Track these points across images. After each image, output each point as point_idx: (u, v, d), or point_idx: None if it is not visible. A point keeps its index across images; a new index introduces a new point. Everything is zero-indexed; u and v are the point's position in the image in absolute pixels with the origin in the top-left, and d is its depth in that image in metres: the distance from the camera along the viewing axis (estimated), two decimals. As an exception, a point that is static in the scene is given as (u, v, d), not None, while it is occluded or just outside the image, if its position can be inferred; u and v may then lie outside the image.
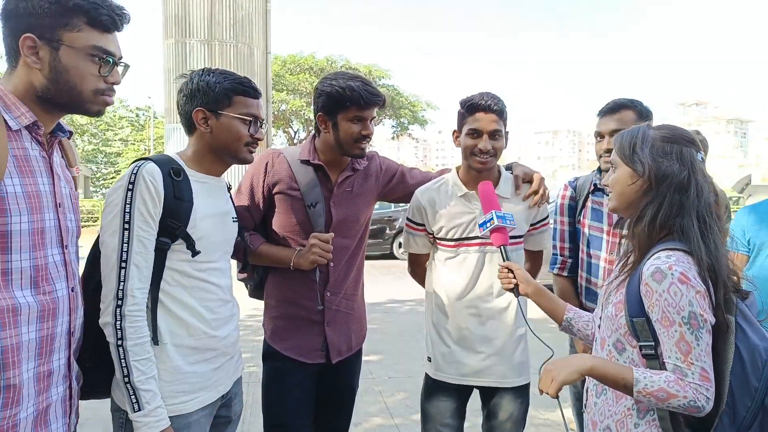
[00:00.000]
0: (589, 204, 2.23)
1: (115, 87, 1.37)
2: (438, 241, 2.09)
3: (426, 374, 2.14)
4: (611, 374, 1.31)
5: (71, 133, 1.42)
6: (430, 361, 2.11)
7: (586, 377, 1.56)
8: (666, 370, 1.29)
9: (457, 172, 2.11)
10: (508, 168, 2.13)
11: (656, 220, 1.35)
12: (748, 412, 1.26)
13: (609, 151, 2.07)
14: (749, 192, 12.45)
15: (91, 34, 1.28)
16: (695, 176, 1.35)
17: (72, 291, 1.34)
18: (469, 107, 1.97)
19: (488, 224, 1.80)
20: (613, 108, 2.11)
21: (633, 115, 2.07)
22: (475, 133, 1.95)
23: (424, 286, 2.24)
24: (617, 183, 1.45)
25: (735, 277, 1.36)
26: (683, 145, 1.38)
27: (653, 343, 1.32)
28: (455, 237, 2.04)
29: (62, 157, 1.43)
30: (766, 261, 2.40)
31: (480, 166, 1.97)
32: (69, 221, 1.35)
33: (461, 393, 2.08)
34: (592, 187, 2.23)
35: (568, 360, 1.39)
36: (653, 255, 1.33)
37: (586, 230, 2.22)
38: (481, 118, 1.94)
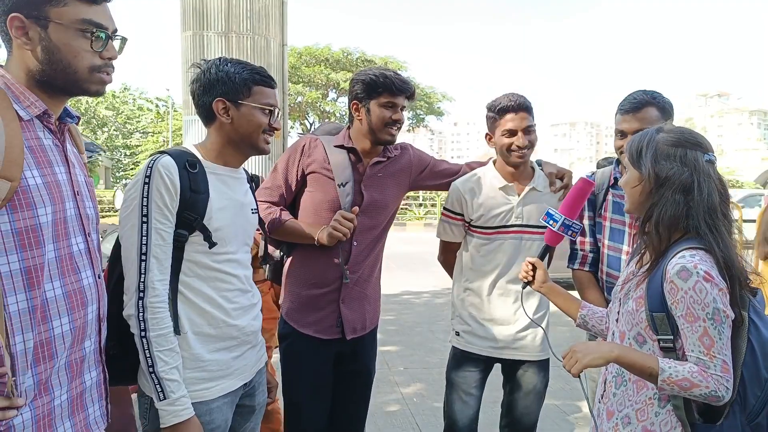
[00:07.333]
0: (609, 197, 2.19)
1: (113, 63, 1.30)
2: (474, 229, 2.26)
3: (453, 347, 2.34)
4: (638, 363, 1.35)
5: (79, 118, 1.40)
6: (458, 335, 2.31)
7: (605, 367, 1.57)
8: (686, 361, 1.33)
9: (494, 164, 2.30)
10: (538, 164, 2.32)
11: (662, 221, 1.40)
12: (758, 401, 1.33)
13: None
14: (773, 185, 12.22)
15: (78, 8, 1.22)
16: (698, 178, 1.38)
17: (99, 278, 1.36)
18: (500, 110, 2.17)
19: (551, 222, 1.77)
20: (636, 107, 2.05)
21: (656, 112, 2.02)
22: (511, 133, 2.16)
23: (451, 275, 2.42)
24: (627, 184, 1.51)
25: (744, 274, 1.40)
26: (687, 148, 1.41)
27: (672, 337, 1.37)
28: (493, 225, 2.22)
29: (72, 144, 1.40)
30: None
31: (519, 161, 2.19)
32: (88, 209, 1.34)
33: (487, 365, 2.29)
34: (613, 181, 2.20)
35: (597, 345, 1.42)
36: (677, 254, 1.36)
37: (608, 224, 2.19)
38: (513, 118, 2.16)
